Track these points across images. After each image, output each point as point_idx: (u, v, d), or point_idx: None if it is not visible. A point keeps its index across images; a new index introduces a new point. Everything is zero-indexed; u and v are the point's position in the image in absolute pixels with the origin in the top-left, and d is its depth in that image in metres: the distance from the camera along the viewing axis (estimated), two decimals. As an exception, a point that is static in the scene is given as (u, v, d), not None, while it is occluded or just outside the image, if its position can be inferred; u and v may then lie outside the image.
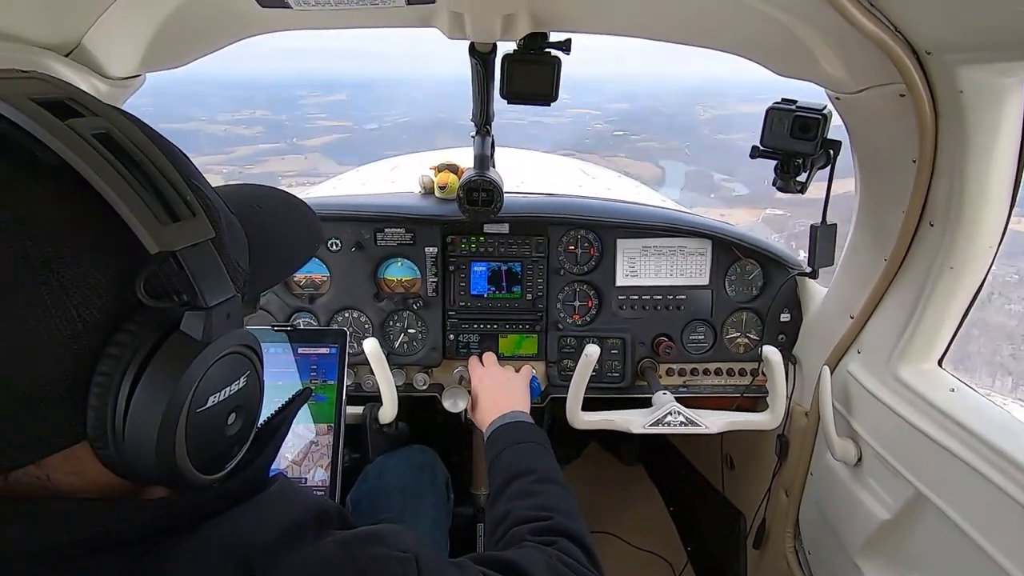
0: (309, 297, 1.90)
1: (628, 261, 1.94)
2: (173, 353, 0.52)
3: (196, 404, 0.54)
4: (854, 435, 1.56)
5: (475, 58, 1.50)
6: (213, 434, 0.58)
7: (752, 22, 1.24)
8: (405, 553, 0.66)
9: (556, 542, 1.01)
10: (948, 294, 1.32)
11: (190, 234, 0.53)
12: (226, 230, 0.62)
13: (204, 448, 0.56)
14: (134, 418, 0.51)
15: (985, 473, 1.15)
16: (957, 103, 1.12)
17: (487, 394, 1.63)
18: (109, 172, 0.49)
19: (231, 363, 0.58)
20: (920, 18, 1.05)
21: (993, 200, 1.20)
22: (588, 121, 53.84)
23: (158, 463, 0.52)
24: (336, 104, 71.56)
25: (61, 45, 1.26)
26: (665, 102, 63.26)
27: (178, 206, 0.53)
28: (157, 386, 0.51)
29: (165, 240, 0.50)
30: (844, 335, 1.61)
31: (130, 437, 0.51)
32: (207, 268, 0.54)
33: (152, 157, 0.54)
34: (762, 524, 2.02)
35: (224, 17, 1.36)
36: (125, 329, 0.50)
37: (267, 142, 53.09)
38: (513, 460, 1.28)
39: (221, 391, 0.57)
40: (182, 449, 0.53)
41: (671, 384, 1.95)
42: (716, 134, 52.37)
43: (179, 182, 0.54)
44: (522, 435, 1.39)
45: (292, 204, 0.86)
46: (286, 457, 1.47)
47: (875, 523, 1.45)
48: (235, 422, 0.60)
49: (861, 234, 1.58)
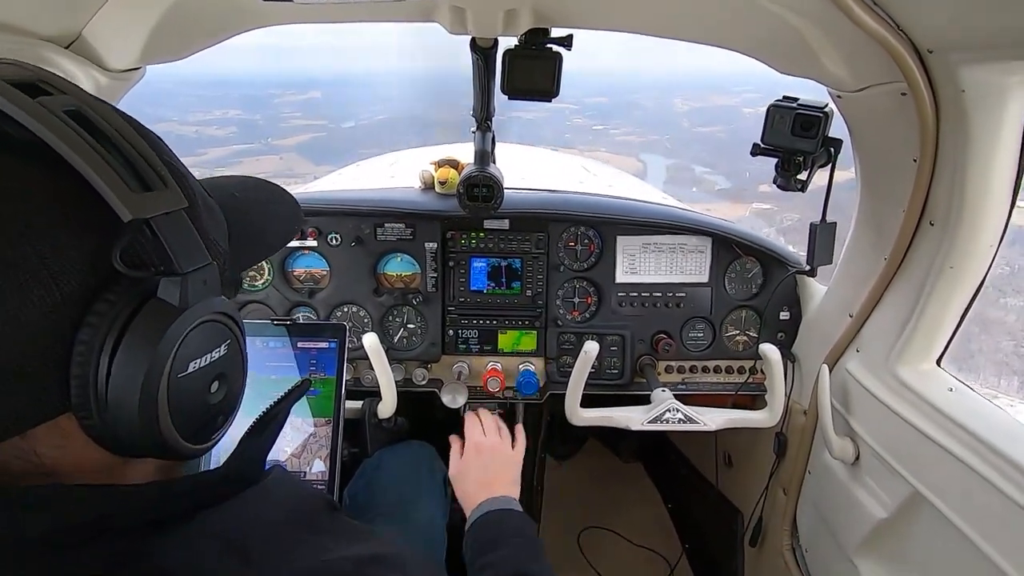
0: (309, 292, 1.90)
1: (628, 258, 1.94)
2: (150, 318, 0.53)
3: (177, 369, 0.54)
4: (852, 434, 1.56)
5: (476, 53, 1.50)
6: (196, 401, 0.58)
7: (754, 19, 1.23)
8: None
9: None
10: (948, 294, 1.32)
11: (163, 203, 0.54)
12: (202, 207, 0.63)
13: (188, 415, 0.57)
14: (116, 384, 0.51)
15: (983, 473, 1.15)
16: (959, 102, 1.12)
17: (471, 480, 1.51)
18: (80, 144, 0.49)
19: (210, 330, 0.58)
20: (922, 17, 1.04)
21: (994, 200, 1.20)
22: (567, 116, 53.43)
23: (142, 429, 0.53)
24: (311, 102, 70.81)
25: (61, 37, 1.26)
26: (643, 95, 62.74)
27: (150, 177, 0.54)
28: (136, 351, 0.52)
29: (138, 208, 0.51)
30: (843, 334, 1.61)
31: (113, 404, 0.51)
32: (181, 236, 0.55)
33: (123, 132, 0.54)
34: (759, 522, 2.02)
35: (225, 10, 1.36)
36: (104, 299, 0.51)
37: (241, 143, 52.42)
38: (513, 557, 1.21)
39: (201, 357, 0.57)
40: (165, 415, 0.54)
41: (670, 381, 1.95)
42: (695, 127, 52.10)
43: (151, 155, 0.55)
44: (509, 529, 1.31)
45: (269, 188, 0.86)
46: (285, 450, 1.47)
47: (872, 522, 1.46)
48: (218, 390, 0.61)
49: (861, 233, 1.58)
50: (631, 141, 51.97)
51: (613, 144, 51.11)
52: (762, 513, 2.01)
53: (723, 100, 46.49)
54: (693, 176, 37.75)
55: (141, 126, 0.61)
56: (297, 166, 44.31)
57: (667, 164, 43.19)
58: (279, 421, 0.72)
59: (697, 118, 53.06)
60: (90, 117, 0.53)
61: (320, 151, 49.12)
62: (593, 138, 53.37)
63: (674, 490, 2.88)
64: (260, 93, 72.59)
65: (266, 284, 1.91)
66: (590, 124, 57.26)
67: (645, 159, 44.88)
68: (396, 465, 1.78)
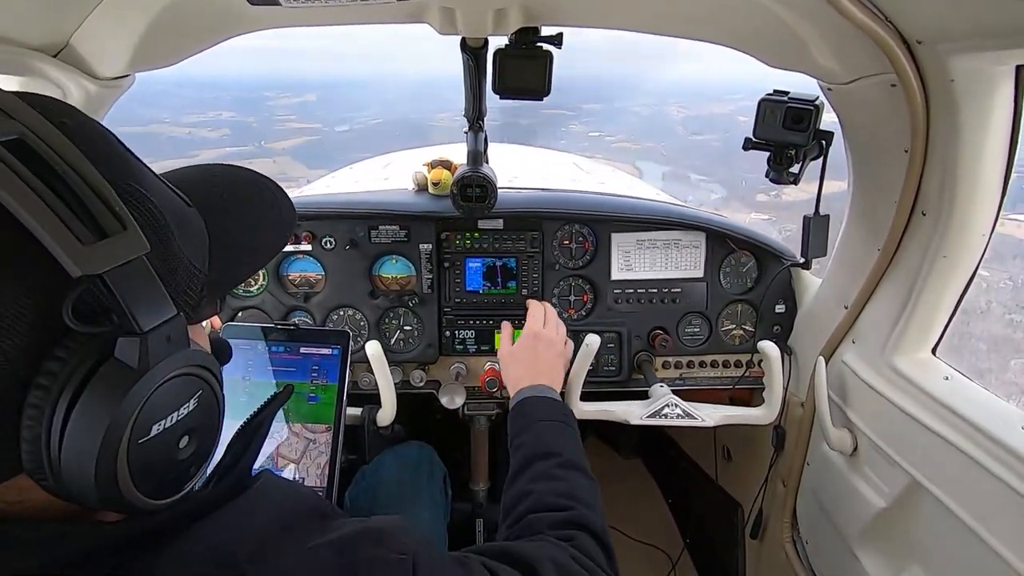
0: (304, 296, 1.90)
1: (623, 255, 1.94)
2: (106, 383, 0.48)
3: (138, 435, 0.50)
4: (850, 425, 1.57)
5: (467, 53, 1.50)
6: (162, 461, 0.54)
7: (744, 14, 1.24)
8: (403, 555, 0.65)
9: (575, 537, 0.97)
10: (941, 283, 1.33)
11: (118, 252, 0.48)
12: (175, 233, 0.57)
13: (152, 476, 0.53)
14: (69, 451, 0.47)
15: (980, 460, 1.16)
16: (948, 92, 1.12)
17: (521, 366, 1.50)
18: (19, 188, 0.44)
19: (177, 387, 0.54)
20: (910, 7, 1.05)
21: (985, 189, 1.20)
22: (563, 121, 53.02)
23: (100, 495, 0.49)
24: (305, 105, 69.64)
25: (49, 45, 1.25)
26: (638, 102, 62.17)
27: (105, 220, 0.48)
28: (91, 419, 0.48)
29: (88, 263, 0.46)
30: (839, 325, 1.62)
31: (67, 470, 0.48)
32: (140, 289, 0.50)
33: (74, 164, 0.48)
34: (759, 515, 2.03)
35: (213, 15, 1.35)
36: (55, 356, 0.47)
37: (233, 145, 51.25)
38: (539, 439, 1.23)
39: (167, 417, 0.53)
40: (126, 480, 0.50)
41: (667, 377, 1.95)
42: (691, 135, 51.54)
43: (106, 191, 0.49)
44: (548, 412, 1.32)
45: (260, 187, 0.78)
46: (283, 456, 1.47)
47: (872, 512, 1.46)
48: (188, 445, 0.57)
49: (854, 224, 1.58)
50: (627, 148, 51.55)
51: (609, 151, 50.66)
52: (762, 506, 2.02)
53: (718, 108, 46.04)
54: (689, 184, 37.61)
55: (101, 142, 0.56)
56: (290, 169, 43.68)
57: (663, 172, 42.68)
58: (264, 428, 0.71)
59: (692, 126, 52.67)
60: (35, 148, 0.47)
61: (314, 155, 48.38)
62: (589, 145, 53.00)
63: (674, 485, 2.88)
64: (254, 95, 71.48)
65: (261, 289, 1.90)
66: (586, 131, 56.73)
67: (641, 166, 44.51)
68: (395, 467, 1.78)
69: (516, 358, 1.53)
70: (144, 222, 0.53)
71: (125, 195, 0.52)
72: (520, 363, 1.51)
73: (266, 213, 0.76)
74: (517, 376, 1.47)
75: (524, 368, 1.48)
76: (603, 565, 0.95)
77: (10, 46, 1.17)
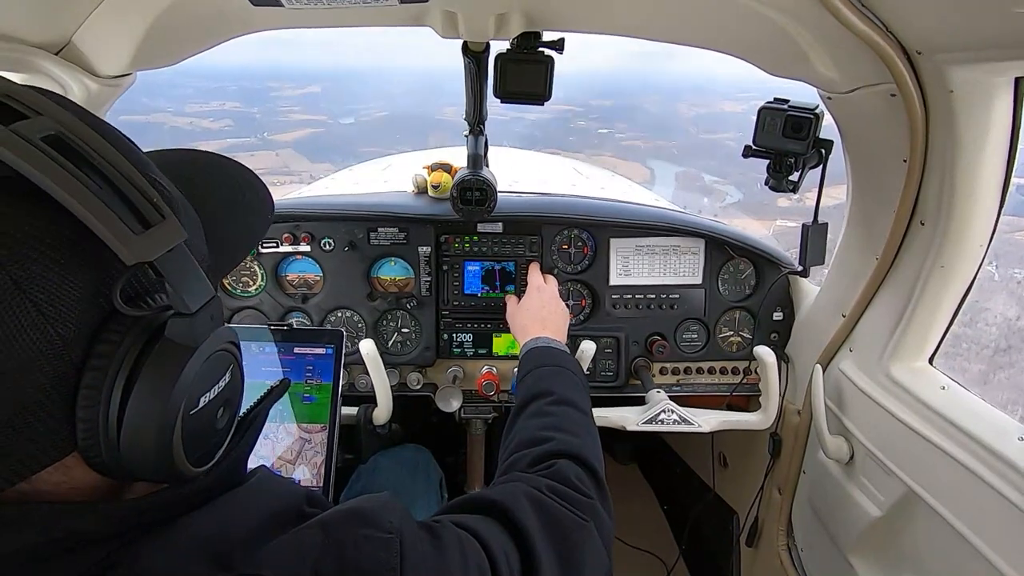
0: (302, 297, 1.90)
1: (622, 260, 1.94)
2: (163, 362, 0.51)
3: (189, 407, 0.54)
4: (846, 433, 1.57)
5: (468, 57, 1.50)
6: (206, 431, 0.58)
7: (745, 22, 1.24)
8: (389, 534, 0.65)
9: (552, 465, 0.98)
10: (939, 293, 1.33)
11: (164, 240, 0.51)
12: (184, 219, 0.59)
13: (198, 445, 0.57)
14: (130, 427, 0.50)
15: (976, 470, 1.16)
16: (947, 103, 1.13)
17: (528, 314, 1.58)
18: (71, 183, 0.46)
19: (217, 362, 0.58)
20: (910, 18, 1.05)
21: (983, 199, 1.21)
22: (571, 118, 51.87)
23: (156, 466, 0.53)
24: (310, 97, 68.56)
25: (51, 43, 1.25)
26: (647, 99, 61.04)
27: (147, 210, 0.51)
28: (151, 396, 0.51)
29: (140, 251, 0.48)
30: (836, 334, 1.62)
31: (127, 446, 0.51)
32: (185, 272, 0.53)
33: (110, 158, 0.51)
34: (755, 522, 2.03)
35: (215, 15, 1.35)
36: (106, 340, 0.49)
37: (235, 137, 50.31)
38: (534, 383, 1.25)
39: (211, 390, 0.57)
40: (179, 450, 0.54)
41: (665, 383, 1.95)
42: (703, 133, 50.24)
43: (143, 183, 0.52)
44: (550, 358, 1.35)
45: (230, 172, 0.77)
46: (280, 456, 1.47)
47: (867, 520, 1.46)
48: (223, 415, 0.61)
49: (852, 233, 1.59)
50: (637, 146, 50.47)
51: (619, 149, 49.41)
52: (758, 513, 2.02)
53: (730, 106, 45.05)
54: (703, 186, 36.14)
55: (118, 137, 0.58)
56: (293, 163, 42.73)
57: (676, 172, 42.04)
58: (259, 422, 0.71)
59: (704, 124, 51.51)
60: (72, 143, 0.49)
61: (318, 148, 47.35)
62: (599, 142, 51.62)
63: (670, 491, 2.88)
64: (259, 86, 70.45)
65: (259, 290, 1.90)
66: (595, 127, 55.55)
67: (652, 166, 43.29)
68: (391, 469, 1.78)
69: (523, 307, 1.61)
70: (172, 210, 0.55)
71: (154, 186, 0.54)
72: (526, 312, 1.58)
73: (241, 197, 0.77)
74: (523, 325, 1.53)
75: (530, 318, 1.55)
76: (586, 487, 0.96)
77: (12, 43, 1.17)
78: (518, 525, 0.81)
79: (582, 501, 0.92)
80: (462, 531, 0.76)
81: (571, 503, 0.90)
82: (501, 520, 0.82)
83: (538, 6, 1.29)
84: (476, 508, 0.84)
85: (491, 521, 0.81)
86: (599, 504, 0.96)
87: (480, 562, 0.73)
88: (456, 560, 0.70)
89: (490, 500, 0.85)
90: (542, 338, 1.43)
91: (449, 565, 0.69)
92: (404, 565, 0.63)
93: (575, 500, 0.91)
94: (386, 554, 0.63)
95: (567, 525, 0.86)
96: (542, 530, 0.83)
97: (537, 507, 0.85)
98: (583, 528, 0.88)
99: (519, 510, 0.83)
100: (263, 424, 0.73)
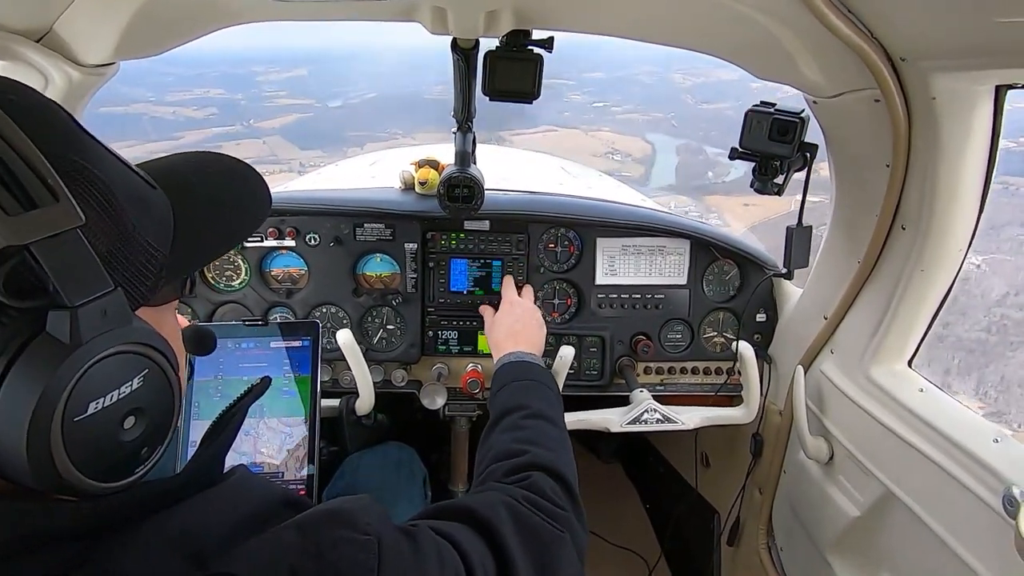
0: (287, 292, 1.88)
1: (608, 260, 1.95)
2: (36, 357, 0.48)
3: (72, 412, 0.49)
4: (826, 434, 1.59)
5: (457, 54, 1.49)
6: (103, 442, 0.53)
7: (733, 25, 1.25)
8: (367, 536, 0.65)
9: (527, 477, 0.98)
10: (919, 296, 1.35)
11: (46, 223, 0.47)
12: (127, 211, 0.56)
13: (95, 456, 0.52)
14: (1, 426, 0.47)
15: (952, 472, 1.18)
16: (930, 109, 1.14)
17: (502, 329, 1.59)
18: None
19: (116, 365, 0.53)
20: (895, 24, 1.07)
21: (963, 205, 1.23)
22: (564, 92, 50.61)
23: (35, 473, 0.48)
24: (296, 80, 66.12)
25: (32, 30, 1.23)
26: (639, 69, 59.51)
27: (36, 191, 0.47)
28: (21, 393, 0.47)
29: (13, 233, 0.45)
30: (818, 335, 1.64)
31: (1, 446, 0.48)
32: (71, 262, 0.49)
33: (9, 137, 0.48)
34: (736, 521, 2.05)
35: (201, 6, 1.34)
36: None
37: (220, 125, 48.24)
38: (508, 397, 1.26)
39: (105, 396, 0.52)
40: (63, 458, 0.49)
41: (649, 383, 1.96)
42: (700, 103, 48.64)
43: (40, 164, 0.48)
44: (523, 373, 1.36)
45: (232, 171, 0.77)
46: (261, 452, 1.46)
47: (846, 520, 1.48)
48: (135, 425, 0.55)
49: (835, 236, 1.61)
50: (635, 120, 49.15)
51: (616, 123, 47.39)
52: (739, 513, 2.04)
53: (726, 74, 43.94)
54: (707, 159, 34.79)
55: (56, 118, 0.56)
56: (281, 151, 40.81)
57: (676, 145, 40.06)
58: (236, 422, 0.70)
59: (701, 94, 49.68)
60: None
61: (305, 134, 45.31)
62: (594, 116, 49.85)
63: (652, 490, 2.90)
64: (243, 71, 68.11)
65: (243, 284, 1.88)
66: (590, 101, 53.48)
67: (652, 139, 41.46)
68: (375, 467, 1.77)
69: (497, 323, 1.62)
70: (88, 197, 0.52)
71: (67, 170, 0.51)
72: (500, 327, 1.59)
73: (234, 198, 0.75)
74: (496, 342, 1.55)
75: (503, 334, 1.56)
76: (560, 500, 0.96)
77: (-9, 29, 1.15)
78: (495, 535, 0.81)
79: (558, 513, 0.93)
80: (440, 538, 0.76)
81: (547, 515, 0.91)
82: (478, 529, 0.82)
83: (528, 4, 1.29)
84: (454, 516, 0.84)
85: (468, 530, 0.81)
86: (573, 517, 0.97)
87: (458, 570, 0.73)
88: (434, 566, 0.70)
89: (468, 508, 0.85)
90: (515, 353, 1.45)
91: (426, 570, 0.69)
92: (382, 568, 0.63)
93: (551, 512, 0.92)
94: (364, 556, 0.63)
95: (544, 536, 0.87)
96: (519, 540, 0.83)
97: (514, 517, 0.86)
98: (559, 539, 0.89)
99: (497, 520, 0.83)
100: (241, 423, 0.71)
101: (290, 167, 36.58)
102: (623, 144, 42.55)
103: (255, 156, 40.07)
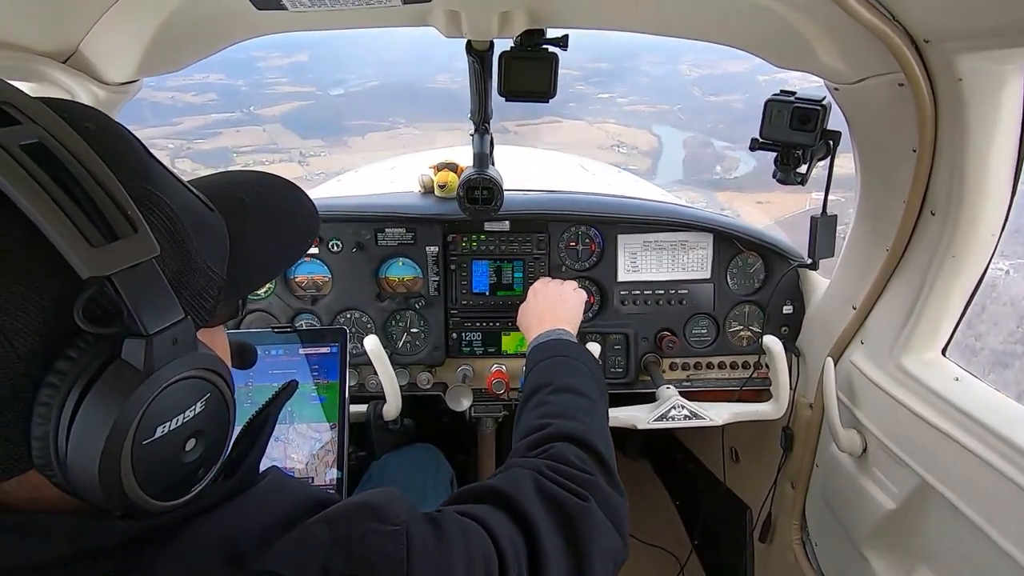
0: (311, 298, 1.90)
1: (630, 256, 1.94)
2: (111, 383, 0.49)
3: (142, 435, 0.51)
4: (859, 426, 1.56)
5: (472, 56, 1.50)
6: (167, 463, 0.55)
7: (750, 15, 1.24)
8: (395, 527, 0.65)
9: (549, 448, 0.98)
10: (950, 283, 1.32)
11: (127, 254, 0.48)
12: (192, 237, 0.57)
13: (158, 477, 0.54)
14: (75, 449, 0.48)
15: (990, 461, 1.15)
16: (956, 91, 1.12)
17: (527, 316, 1.60)
18: (33, 189, 0.45)
19: (183, 390, 0.54)
20: (918, 6, 1.04)
21: (994, 188, 1.20)
22: (569, 83, 49.12)
23: (104, 494, 0.50)
24: (298, 66, 64.96)
25: (58, 52, 1.26)
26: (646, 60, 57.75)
27: (117, 222, 0.48)
28: (96, 418, 0.48)
29: (97, 264, 0.46)
30: (847, 326, 1.61)
31: (72, 467, 0.49)
32: (147, 291, 0.50)
33: (90, 167, 0.49)
34: (768, 517, 2.02)
35: (220, 20, 1.36)
36: (66, 356, 0.48)
37: (219, 112, 47.58)
38: (535, 378, 1.26)
39: (172, 420, 0.54)
40: (130, 480, 0.51)
41: (675, 378, 1.95)
42: (707, 95, 47.40)
43: (118, 194, 0.49)
44: (550, 351, 1.35)
45: (284, 193, 0.77)
46: (292, 457, 1.48)
47: (881, 513, 1.45)
48: (195, 447, 0.57)
49: (862, 225, 1.58)
50: (641, 111, 48.38)
51: (622, 115, 47.31)
52: (771, 508, 2.01)
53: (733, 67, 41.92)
54: (715, 153, 34.05)
55: (122, 146, 0.57)
56: (282, 139, 40.36)
57: (684, 138, 39.24)
58: (269, 425, 0.71)
59: (708, 86, 48.10)
60: (54, 151, 0.47)
61: (307, 122, 44.76)
62: (600, 108, 48.39)
63: (681, 487, 2.88)
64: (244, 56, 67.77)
65: (268, 293, 1.91)
66: (595, 92, 51.94)
67: (659, 132, 41.24)
68: (402, 468, 1.78)
69: (523, 312, 1.64)
70: (159, 226, 0.54)
71: (141, 199, 0.52)
72: (527, 314, 1.61)
73: (287, 218, 0.76)
74: (526, 327, 1.57)
75: (533, 317, 1.56)
76: (587, 466, 0.96)
77: (19, 52, 1.18)
78: (521, 511, 0.81)
79: (581, 477, 0.92)
80: (466, 519, 0.76)
81: (571, 480, 0.90)
82: (503, 506, 0.82)
83: (542, 4, 1.29)
84: (478, 497, 0.84)
85: (494, 509, 0.81)
86: (603, 481, 0.96)
87: (486, 550, 0.73)
88: (460, 548, 0.70)
89: (491, 487, 0.85)
90: (543, 333, 1.44)
91: (452, 554, 0.69)
92: (411, 558, 0.64)
93: (574, 477, 0.91)
94: (393, 547, 0.63)
95: (569, 505, 0.86)
96: (545, 512, 0.83)
97: (538, 490, 0.85)
98: (584, 507, 0.87)
99: (521, 495, 0.83)
100: (273, 427, 0.72)
101: (291, 156, 35.92)
102: (629, 136, 41.82)
103: (256, 144, 39.47)
